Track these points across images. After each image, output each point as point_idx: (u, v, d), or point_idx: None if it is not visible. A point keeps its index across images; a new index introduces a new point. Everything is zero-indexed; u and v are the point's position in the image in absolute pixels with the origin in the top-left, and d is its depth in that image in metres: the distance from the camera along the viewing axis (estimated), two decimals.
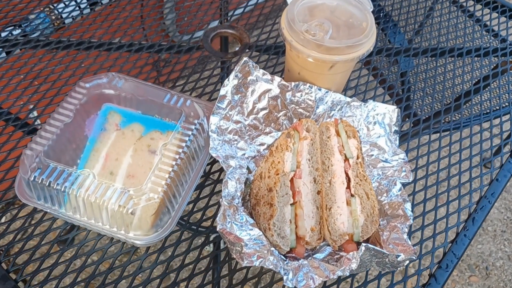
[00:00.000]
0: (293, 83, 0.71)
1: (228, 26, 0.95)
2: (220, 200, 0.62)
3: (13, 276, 0.62)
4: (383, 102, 0.81)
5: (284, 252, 0.63)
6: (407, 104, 0.88)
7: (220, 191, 0.72)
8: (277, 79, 0.71)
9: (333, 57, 0.67)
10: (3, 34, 0.90)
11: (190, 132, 0.64)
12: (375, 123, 0.74)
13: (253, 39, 0.94)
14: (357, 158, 0.66)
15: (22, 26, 0.93)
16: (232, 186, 0.65)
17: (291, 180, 0.64)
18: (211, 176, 0.74)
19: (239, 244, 0.55)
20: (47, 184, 0.58)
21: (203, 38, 0.93)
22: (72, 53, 0.88)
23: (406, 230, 0.61)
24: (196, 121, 0.65)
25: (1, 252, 0.64)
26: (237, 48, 0.93)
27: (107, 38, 0.92)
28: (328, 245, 0.66)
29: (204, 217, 0.69)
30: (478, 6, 1.11)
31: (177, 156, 0.62)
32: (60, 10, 0.96)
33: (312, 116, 0.74)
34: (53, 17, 1.00)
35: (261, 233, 0.60)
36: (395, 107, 0.74)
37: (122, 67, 0.87)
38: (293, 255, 0.63)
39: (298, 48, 0.67)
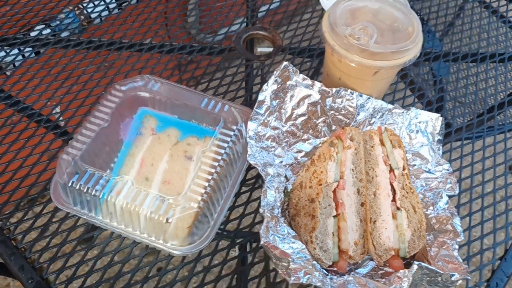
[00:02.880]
0: (334, 89, 0.68)
1: (260, 27, 0.93)
2: (261, 210, 0.60)
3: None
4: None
5: (326, 266, 0.60)
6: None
7: (256, 198, 0.70)
8: (318, 84, 0.68)
9: (378, 63, 0.64)
10: (32, 34, 0.89)
11: (229, 139, 0.62)
12: (417, 131, 0.71)
13: (286, 41, 0.91)
14: (403, 169, 0.63)
15: (52, 25, 0.92)
16: (271, 196, 0.63)
17: (334, 191, 0.62)
18: (246, 182, 0.72)
19: (286, 259, 0.53)
20: (85, 190, 0.56)
21: (235, 40, 0.90)
22: (103, 54, 0.86)
23: (457, 247, 0.58)
24: (234, 127, 0.63)
25: (24, 249, 0.62)
26: (261, 49, 0.90)
27: (138, 39, 0.90)
28: (371, 259, 0.63)
29: (241, 226, 0.67)
30: None
31: (216, 164, 0.59)
32: (89, 10, 0.95)
33: (353, 123, 0.71)
34: (82, 17, 0.99)
35: (303, 246, 0.58)
36: (439, 115, 0.71)
37: (154, 68, 0.85)
38: (335, 269, 0.60)
39: (341, 53, 0.65)
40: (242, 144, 0.64)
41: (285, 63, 0.66)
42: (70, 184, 0.56)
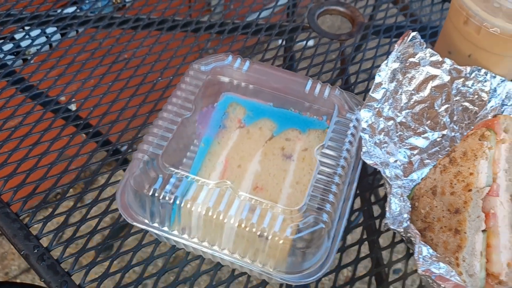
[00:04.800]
0: (468, 68, 0.54)
1: (336, 2, 0.79)
2: (390, 225, 0.46)
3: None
4: None
5: None
6: None
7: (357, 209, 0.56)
8: (448, 62, 0.54)
9: None
10: (69, 10, 0.74)
11: (347, 131, 0.48)
12: None
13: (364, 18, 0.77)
14: None
15: (83, 9, 0.77)
16: (395, 205, 0.49)
17: (483, 199, 0.48)
18: None
19: None
20: (172, 200, 0.41)
21: (308, 17, 0.76)
22: (154, 34, 0.72)
23: None
24: (352, 117, 0.49)
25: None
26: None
27: (195, 16, 0.76)
28: None
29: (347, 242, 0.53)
30: None
31: (336, 163, 0.45)
32: None
33: (481, 112, 0.57)
34: None
35: (452, 270, 0.44)
36: None
37: (216, 50, 0.71)
38: None
39: (486, 19, 0.51)
40: (357, 139, 0.50)
41: (412, 33, 0.52)
42: (151, 193, 0.42)
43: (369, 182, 0.58)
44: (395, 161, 0.55)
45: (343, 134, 0.47)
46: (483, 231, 0.47)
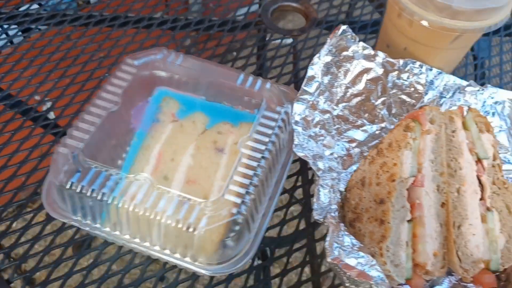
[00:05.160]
0: (401, 61, 0.55)
1: None
2: (316, 215, 0.47)
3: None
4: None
5: (396, 284, 0.47)
6: None
7: (298, 201, 0.57)
8: (381, 55, 0.54)
9: (464, 24, 0.50)
10: (22, 8, 0.75)
11: (274, 124, 0.48)
12: (493, 113, 0.58)
13: (320, 13, 0.78)
14: (494, 159, 0.50)
15: (43, 5, 0.78)
16: (325, 197, 0.50)
17: (409, 189, 0.48)
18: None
19: (367, 283, 0.39)
20: (89, 193, 0.42)
21: (261, 13, 0.77)
22: (106, 30, 0.72)
23: None
24: (280, 109, 0.49)
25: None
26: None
27: (147, 12, 0.76)
28: (450, 274, 0.50)
29: (283, 233, 0.53)
30: None
31: (259, 156, 0.46)
32: None
33: (419, 104, 0.57)
34: None
35: (373, 260, 0.44)
36: None
37: (167, 46, 0.71)
38: None
39: (415, 12, 0.51)
40: (288, 131, 0.51)
41: (343, 27, 0.53)
42: (68, 186, 0.42)
43: (311, 175, 0.59)
44: (331, 153, 0.55)
45: (270, 127, 0.48)
46: (409, 221, 0.48)
